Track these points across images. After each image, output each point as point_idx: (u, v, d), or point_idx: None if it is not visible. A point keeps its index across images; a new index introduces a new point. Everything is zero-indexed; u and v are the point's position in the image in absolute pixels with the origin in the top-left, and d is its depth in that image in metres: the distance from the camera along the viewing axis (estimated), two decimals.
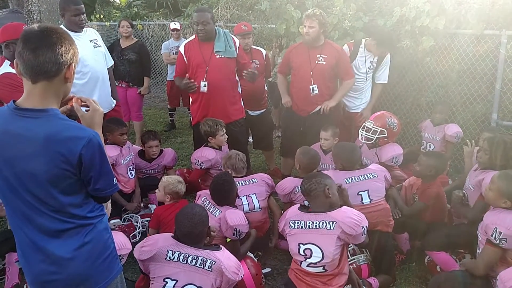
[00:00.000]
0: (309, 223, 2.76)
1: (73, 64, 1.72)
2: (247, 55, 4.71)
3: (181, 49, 4.25)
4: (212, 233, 2.72)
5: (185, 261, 2.50)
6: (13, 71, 3.22)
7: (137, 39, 6.53)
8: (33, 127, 1.64)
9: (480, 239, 2.79)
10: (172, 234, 2.65)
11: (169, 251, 2.53)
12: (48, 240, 1.74)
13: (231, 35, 4.33)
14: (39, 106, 1.66)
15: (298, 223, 2.81)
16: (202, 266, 2.49)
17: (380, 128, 4.01)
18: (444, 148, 4.48)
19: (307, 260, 2.73)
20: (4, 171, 1.68)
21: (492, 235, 2.61)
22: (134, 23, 10.18)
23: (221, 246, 2.68)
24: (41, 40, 1.64)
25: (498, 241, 2.59)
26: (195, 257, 2.51)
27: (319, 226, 2.73)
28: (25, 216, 1.73)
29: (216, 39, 4.15)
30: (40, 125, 1.64)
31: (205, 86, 4.14)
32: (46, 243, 1.74)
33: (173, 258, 2.51)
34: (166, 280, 2.48)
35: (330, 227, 2.69)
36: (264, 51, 5.16)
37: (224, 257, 2.56)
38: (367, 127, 4.07)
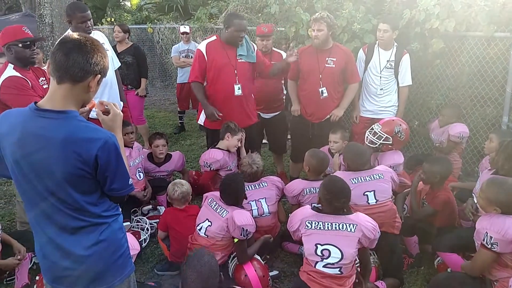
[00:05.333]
0: (328, 224, 2.78)
1: (99, 76, 1.78)
2: (265, 57, 4.73)
3: (202, 48, 4.18)
4: None
5: None
6: (17, 74, 3.27)
7: (132, 43, 6.54)
8: (52, 127, 1.69)
9: (477, 244, 2.79)
10: None
11: None
12: (65, 237, 1.80)
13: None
14: (59, 107, 1.72)
15: (315, 223, 2.81)
16: None
17: (385, 135, 3.90)
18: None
19: (324, 260, 2.74)
20: (25, 170, 1.74)
21: (483, 240, 2.63)
22: (144, 26, 10.32)
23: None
24: (76, 45, 1.71)
25: (490, 245, 2.60)
26: None
27: (339, 227, 2.75)
28: (44, 213, 1.79)
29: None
30: (59, 126, 1.69)
31: (239, 89, 4.15)
32: (62, 239, 1.80)
33: None
34: None
35: (351, 229, 2.72)
36: (284, 54, 4.97)
37: None
38: (373, 130, 4.01)
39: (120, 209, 2.01)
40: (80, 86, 1.74)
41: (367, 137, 4.02)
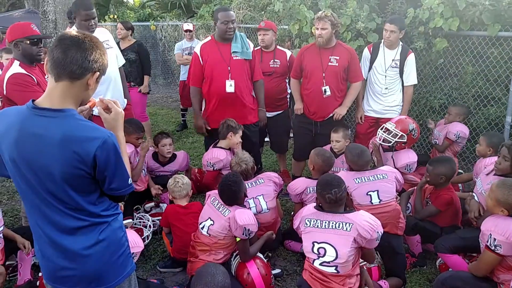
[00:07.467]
0: (325, 222, 2.77)
1: (98, 74, 1.75)
2: (269, 54, 4.81)
3: (197, 50, 4.24)
4: None
5: None
6: (22, 70, 3.27)
7: (135, 40, 6.52)
8: (50, 126, 1.66)
9: (482, 246, 2.78)
10: None
11: None
12: (64, 237, 1.78)
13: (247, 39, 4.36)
14: (57, 106, 1.69)
15: (314, 221, 2.82)
16: None
17: (400, 133, 3.93)
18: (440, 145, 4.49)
19: (320, 258, 2.74)
20: (23, 169, 1.72)
21: (487, 242, 2.62)
22: (147, 23, 10.31)
23: None
24: (74, 42, 1.69)
25: (493, 247, 2.59)
26: None
27: (335, 226, 2.74)
28: (43, 213, 1.77)
29: (233, 40, 4.19)
30: (57, 125, 1.66)
31: (231, 86, 4.14)
32: (62, 239, 1.78)
33: None
34: None
35: (346, 228, 2.71)
36: (289, 53, 4.99)
37: None
38: (386, 128, 4.00)
39: (123, 207, 2.00)
40: (79, 83, 1.71)
41: (380, 136, 4.01)
